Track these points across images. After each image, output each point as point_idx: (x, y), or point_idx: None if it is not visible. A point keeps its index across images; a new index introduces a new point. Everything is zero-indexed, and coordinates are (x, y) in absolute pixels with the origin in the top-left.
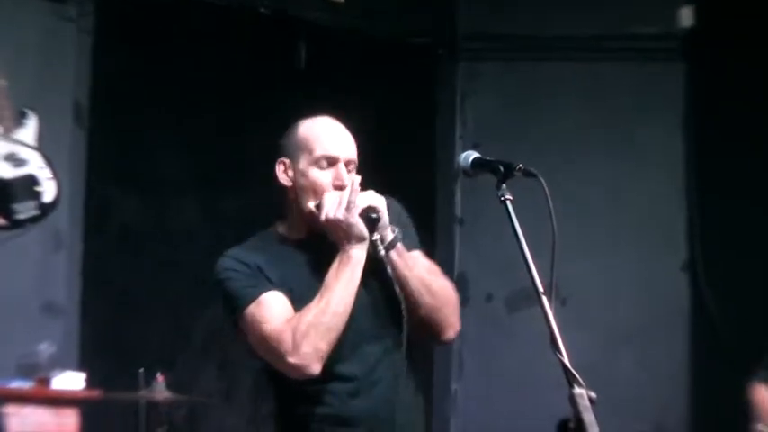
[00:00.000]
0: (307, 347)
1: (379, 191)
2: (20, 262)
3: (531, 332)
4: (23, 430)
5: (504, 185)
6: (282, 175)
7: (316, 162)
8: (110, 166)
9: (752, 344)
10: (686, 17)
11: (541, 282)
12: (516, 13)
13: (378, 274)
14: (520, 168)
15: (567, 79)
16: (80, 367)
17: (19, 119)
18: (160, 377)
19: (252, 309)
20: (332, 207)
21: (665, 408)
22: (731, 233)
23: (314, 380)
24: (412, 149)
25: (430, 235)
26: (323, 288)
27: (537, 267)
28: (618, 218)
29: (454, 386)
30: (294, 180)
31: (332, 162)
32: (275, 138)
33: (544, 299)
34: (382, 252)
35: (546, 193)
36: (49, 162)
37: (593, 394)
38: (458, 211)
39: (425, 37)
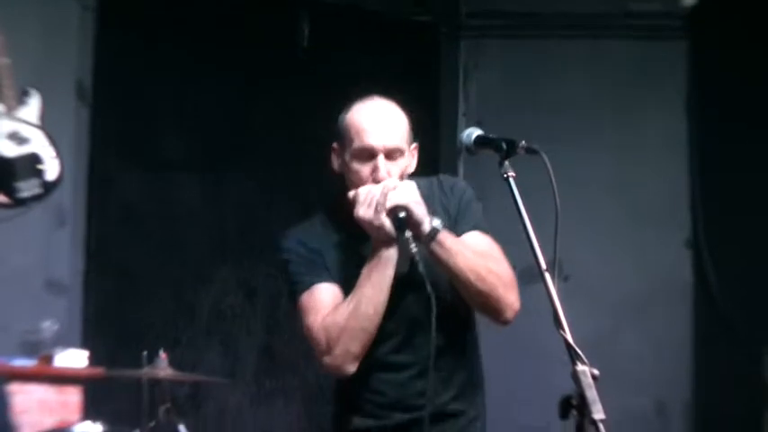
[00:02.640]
0: (338, 350)
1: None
2: (23, 240)
3: (533, 309)
4: (27, 408)
5: (506, 163)
6: (334, 161)
7: (355, 155)
8: (113, 145)
9: (754, 320)
10: None
11: (544, 259)
12: None
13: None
14: (523, 146)
15: (570, 57)
16: (83, 345)
17: (22, 97)
18: (163, 355)
19: (304, 298)
20: (362, 206)
21: (667, 383)
22: (734, 210)
23: (370, 370)
24: (414, 127)
25: None
26: (355, 289)
27: (540, 244)
28: (621, 195)
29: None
30: (341, 169)
31: (371, 154)
32: (278, 115)
33: (547, 276)
34: (414, 250)
35: (549, 171)
36: (52, 140)
37: (596, 371)
38: None
39: (428, 14)
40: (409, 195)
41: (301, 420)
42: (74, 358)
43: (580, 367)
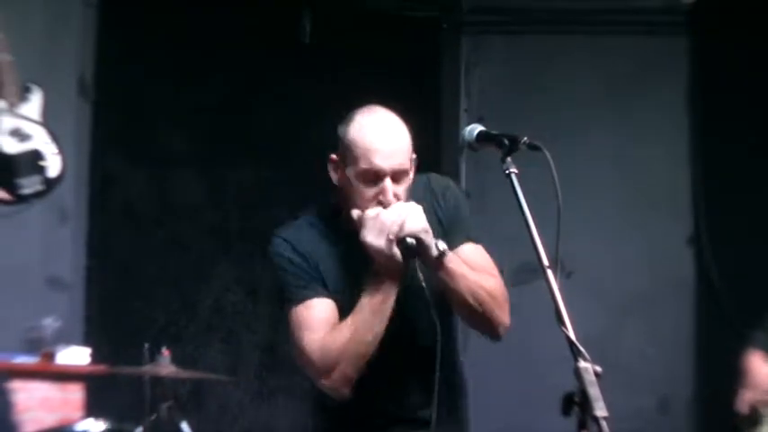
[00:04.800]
0: (336, 374)
1: None
2: (25, 237)
3: (536, 306)
4: (29, 405)
5: (509, 159)
6: (332, 172)
7: (360, 175)
8: (115, 141)
9: (756, 315)
10: None
11: (547, 255)
12: None
13: (417, 294)
14: (525, 142)
15: (572, 52)
16: (85, 342)
17: (23, 93)
18: (165, 352)
19: (299, 311)
20: (371, 233)
21: (670, 380)
22: (735, 207)
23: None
24: (416, 123)
25: None
26: (354, 314)
27: (542, 241)
28: (623, 191)
29: (460, 359)
30: (341, 183)
31: (378, 176)
32: (280, 112)
33: (549, 272)
34: (422, 282)
35: (551, 167)
36: (54, 137)
37: (598, 368)
38: (463, 185)
39: (430, 10)
40: (419, 223)
41: (304, 418)
42: (76, 355)
43: (582, 364)
